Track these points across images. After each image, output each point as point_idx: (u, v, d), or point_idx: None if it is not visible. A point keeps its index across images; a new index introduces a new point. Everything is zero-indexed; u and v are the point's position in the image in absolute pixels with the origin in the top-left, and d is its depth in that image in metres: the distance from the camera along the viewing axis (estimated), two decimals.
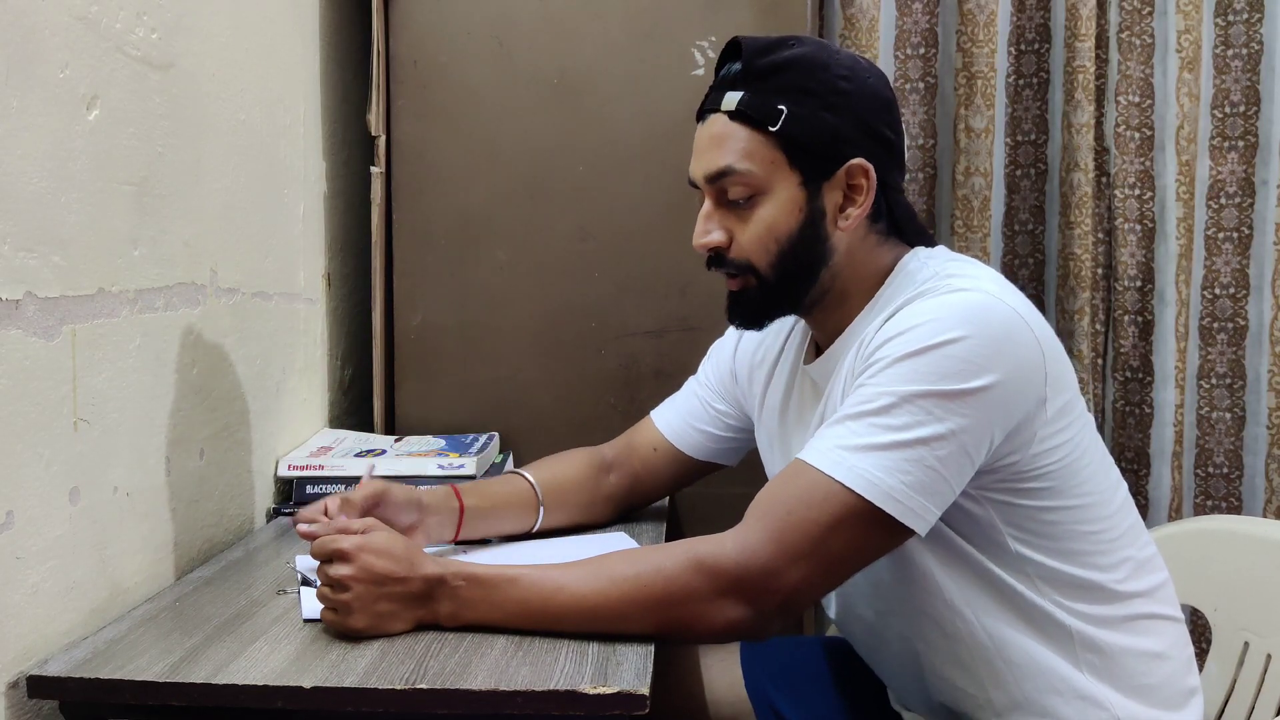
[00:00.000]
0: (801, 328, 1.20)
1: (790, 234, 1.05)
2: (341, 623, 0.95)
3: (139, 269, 1.13)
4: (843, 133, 1.04)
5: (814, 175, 1.05)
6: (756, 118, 1.04)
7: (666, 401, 1.37)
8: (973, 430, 0.94)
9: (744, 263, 1.07)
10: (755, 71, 1.05)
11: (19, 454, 0.93)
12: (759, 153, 1.04)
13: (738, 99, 1.05)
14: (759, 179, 1.05)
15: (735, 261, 1.08)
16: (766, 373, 1.23)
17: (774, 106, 1.03)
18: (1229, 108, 1.99)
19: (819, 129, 1.04)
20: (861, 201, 1.06)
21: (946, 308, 0.97)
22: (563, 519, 1.32)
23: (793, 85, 1.04)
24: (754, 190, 1.05)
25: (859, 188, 1.06)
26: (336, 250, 1.74)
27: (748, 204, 1.06)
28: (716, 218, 1.08)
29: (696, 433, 1.32)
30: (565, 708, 0.85)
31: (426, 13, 1.67)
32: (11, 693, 0.92)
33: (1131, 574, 1.05)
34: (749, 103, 1.04)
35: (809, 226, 1.06)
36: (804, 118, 1.03)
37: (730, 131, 1.05)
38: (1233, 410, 2.02)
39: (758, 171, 1.04)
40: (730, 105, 1.05)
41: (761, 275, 1.07)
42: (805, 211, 1.05)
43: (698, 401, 1.33)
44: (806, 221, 1.05)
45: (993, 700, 1.04)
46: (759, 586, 0.95)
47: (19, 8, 0.93)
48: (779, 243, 1.06)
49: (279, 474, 1.49)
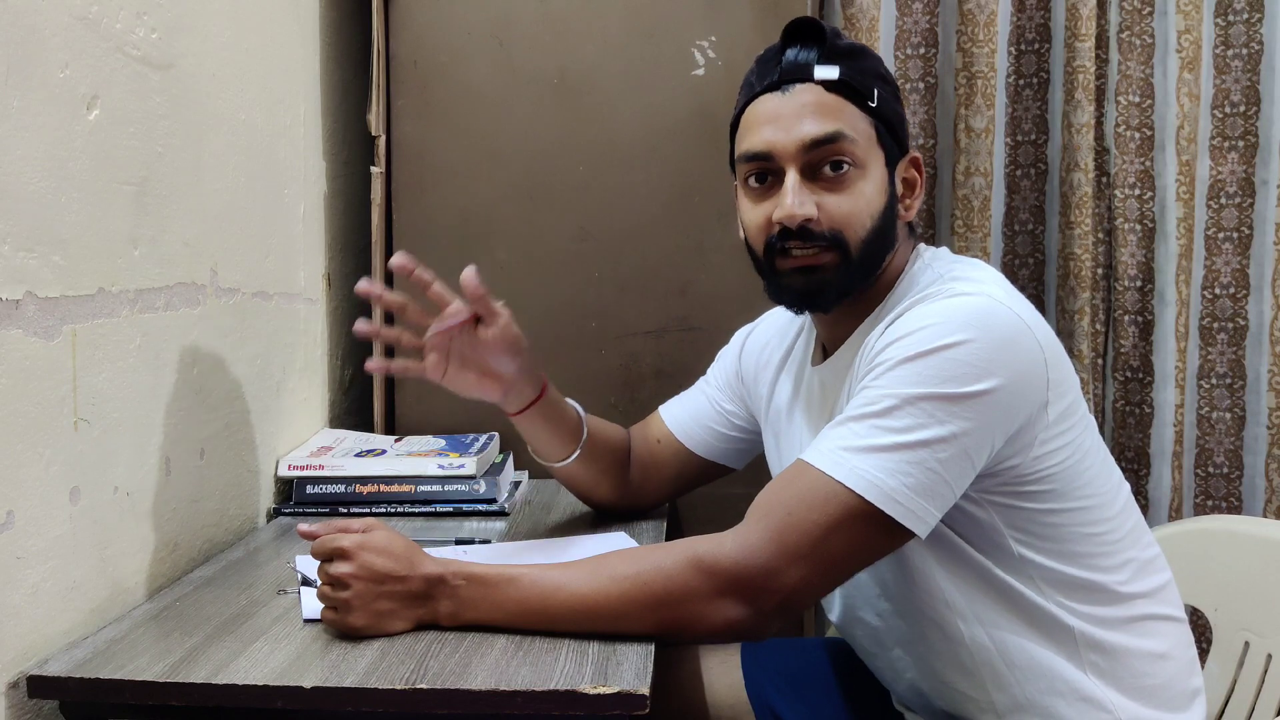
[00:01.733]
0: (808, 330, 1.20)
1: (881, 212, 1.05)
2: (341, 621, 0.95)
3: (139, 269, 1.13)
4: (906, 124, 1.09)
5: (892, 158, 1.07)
6: (859, 91, 1.04)
7: (675, 398, 1.38)
8: (974, 433, 0.94)
9: (836, 236, 1.03)
10: (841, 50, 1.05)
11: (19, 454, 0.93)
12: (860, 126, 1.04)
13: (837, 71, 1.04)
14: (861, 152, 1.04)
15: (825, 235, 1.03)
16: (773, 374, 1.23)
17: (870, 84, 1.05)
18: (1229, 108, 1.99)
19: (897, 114, 1.07)
20: (919, 193, 1.10)
21: (950, 311, 0.97)
22: (585, 471, 1.32)
23: (874, 70, 1.07)
24: (855, 162, 1.04)
25: (913, 180, 1.10)
26: (336, 250, 1.74)
27: (841, 176, 1.03)
28: (806, 190, 1.03)
29: (702, 429, 1.32)
30: (565, 708, 0.85)
31: (426, 13, 1.67)
32: (12, 693, 0.92)
33: (1134, 575, 1.05)
34: (849, 75, 1.04)
35: (891, 208, 1.07)
36: (888, 100, 1.06)
37: (830, 101, 1.04)
38: (1233, 410, 2.02)
39: (861, 143, 1.04)
40: (829, 75, 1.03)
41: (849, 251, 1.04)
42: (889, 192, 1.07)
43: (705, 399, 1.33)
44: (890, 202, 1.07)
45: (995, 703, 1.04)
46: (758, 586, 0.95)
47: (19, 8, 0.93)
48: (872, 219, 1.04)
49: (279, 474, 1.49)
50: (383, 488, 1.46)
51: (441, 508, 1.45)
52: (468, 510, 1.45)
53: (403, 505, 1.46)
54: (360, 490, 1.46)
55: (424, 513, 1.45)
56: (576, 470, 1.32)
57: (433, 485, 1.46)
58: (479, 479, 1.46)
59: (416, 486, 1.46)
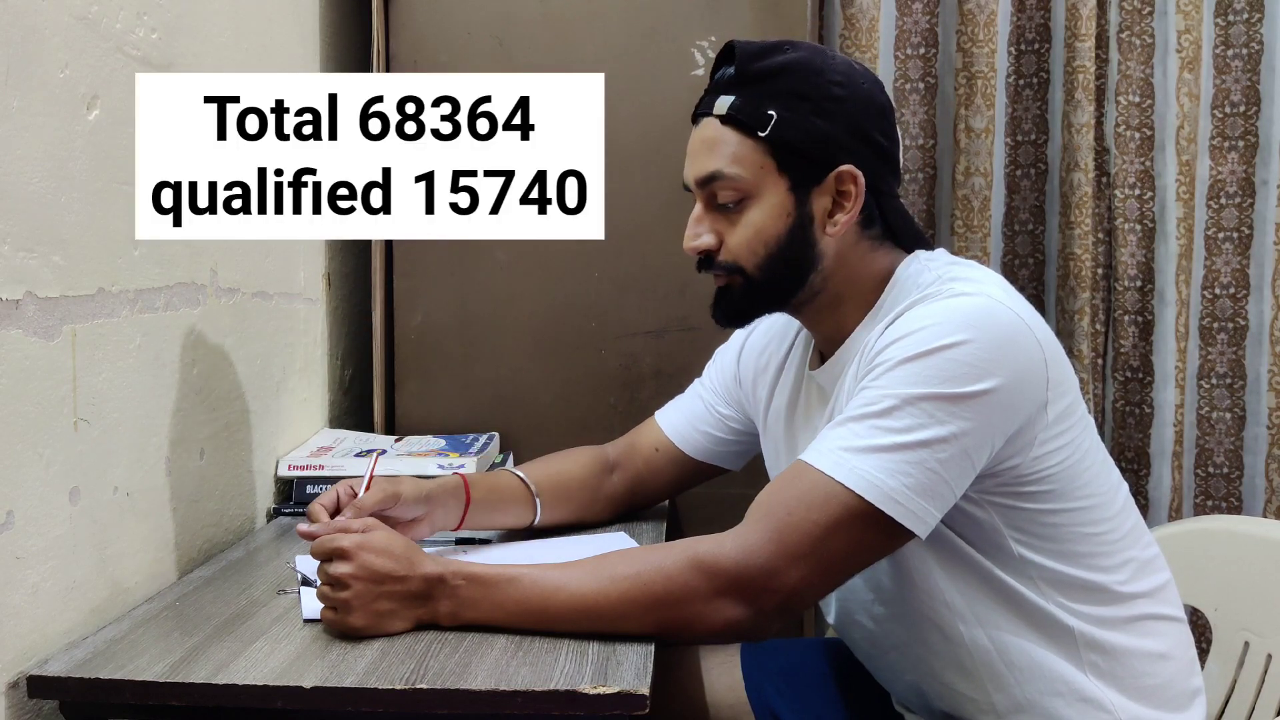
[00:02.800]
0: (806, 334, 1.20)
1: (778, 238, 1.06)
2: (341, 621, 0.95)
3: (139, 269, 1.13)
4: (834, 139, 1.05)
5: (803, 181, 1.06)
6: (747, 123, 1.05)
7: (671, 403, 1.37)
8: (974, 433, 0.94)
9: (732, 264, 1.08)
10: (748, 76, 1.06)
11: (19, 454, 0.93)
12: (748, 158, 1.05)
13: (729, 103, 1.06)
14: (747, 183, 1.05)
15: (724, 264, 1.09)
16: (772, 378, 1.23)
17: (764, 112, 1.04)
18: (1229, 108, 1.99)
19: (809, 134, 1.04)
20: (850, 208, 1.06)
21: (949, 312, 0.97)
22: (563, 515, 1.32)
23: (785, 90, 1.05)
24: (742, 194, 1.06)
25: (848, 194, 1.06)
26: (336, 250, 1.74)
27: (736, 208, 1.07)
28: (706, 221, 1.09)
29: (699, 434, 1.32)
30: (565, 708, 0.85)
31: (426, 13, 1.67)
32: (12, 693, 0.92)
33: (1134, 575, 1.05)
34: (739, 107, 1.05)
35: (797, 231, 1.06)
36: (794, 123, 1.04)
37: (720, 136, 1.06)
38: (1233, 410, 2.02)
39: (746, 176, 1.05)
40: (721, 110, 1.06)
41: (748, 276, 1.08)
42: (793, 216, 1.06)
43: (701, 404, 1.33)
44: (795, 226, 1.06)
45: (995, 703, 1.04)
46: (758, 586, 0.95)
47: (19, 8, 0.93)
48: (766, 246, 1.06)
49: (279, 474, 1.49)
50: None
51: None
52: None
53: None
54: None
55: None
56: (552, 520, 1.31)
57: None
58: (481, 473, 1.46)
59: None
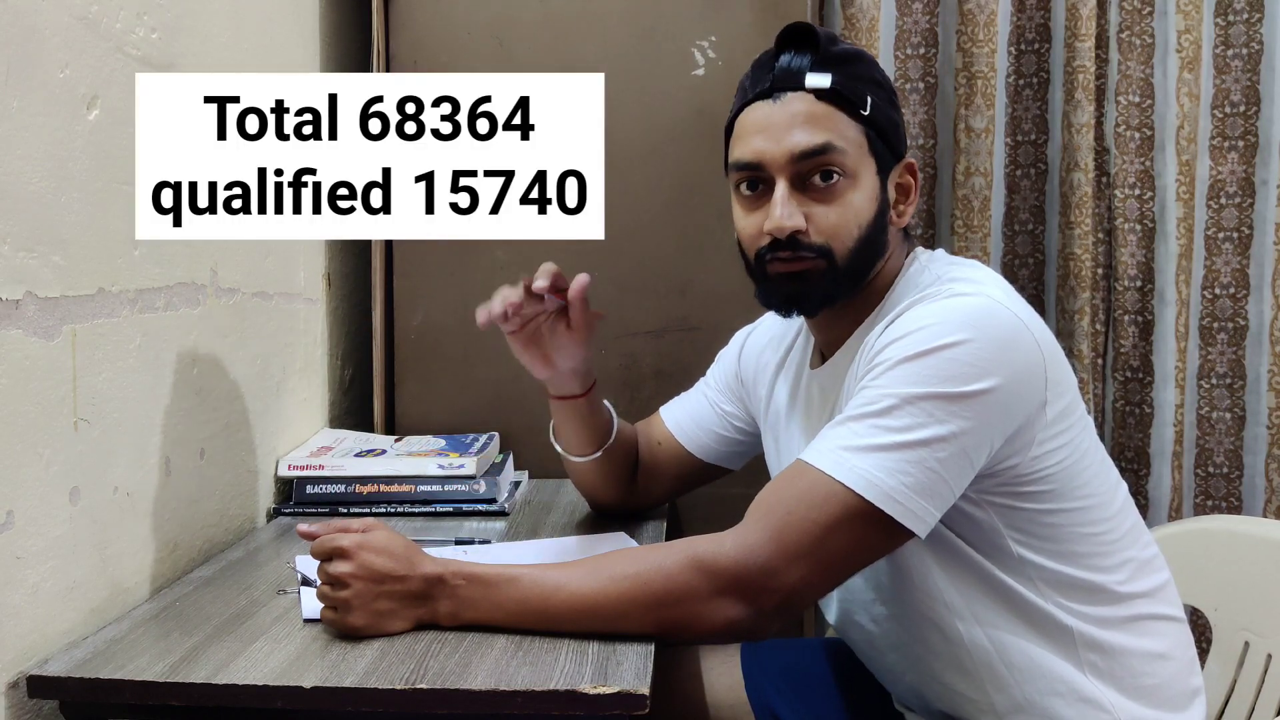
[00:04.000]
0: (806, 333, 1.20)
1: (870, 221, 1.05)
2: (340, 621, 0.95)
3: (139, 269, 1.13)
4: (901, 129, 1.08)
5: (885, 166, 1.07)
6: (851, 99, 1.04)
7: (676, 399, 1.38)
8: (973, 433, 0.94)
9: (823, 247, 1.04)
10: (834, 57, 1.05)
11: (19, 454, 0.94)
12: (851, 135, 1.04)
13: (829, 79, 1.04)
14: (851, 162, 1.04)
15: (813, 245, 1.04)
16: (772, 376, 1.24)
17: (862, 92, 1.04)
18: (1229, 108, 1.99)
19: (892, 121, 1.07)
20: (912, 198, 1.09)
21: (948, 312, 0.98)
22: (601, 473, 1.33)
23: (868, 76, 1.06)
24: (845, 172, 1.04)
25: (907, 185, 1.09)
26: (336, 250, 1.74)
27: (830, 186, 1.03)
28: (796, 200, 1.04)
29: (702, 431, 1.33)
30: (565, 708, 0.85)
31: (426, 13, 1.67)
32: (11, 693, 0.92)
33: (1133, 575, 1.05)
34: (842, 84, 1.04)
35: (881, 216, 1.07)
36: (882, 108, 1.06)
37: (821, 111, 1.03)
38: (1233, 410, 2.02)
39: (851, 153, 1.04)
40: (821, 84, 1.03)
41: (836, 261, 1.04)
42: (879, 200, 1.06)
43: (705, 401, 1.33)
44: (880, 211, 1.07)
45: (994, 703, 1.04)
46: (757, 585, 0.95)
47: (19, 8, 0.93)
48: (860, 229, 1.05)
49: (279, 474, 1.49)
50: (383, 488, 1.46)
51: (441, 508, 1.46)
52: (468, 510, 1.45)
53: (403, 505, 1.46)
54: (360, 490, 1.46)
55: (424, 513, 1.45)
56: (592, 469, 1.33)
57: (433, 485, 1.46)
58: (479, 479, 1.46)
59: (416, 486, 1.46)
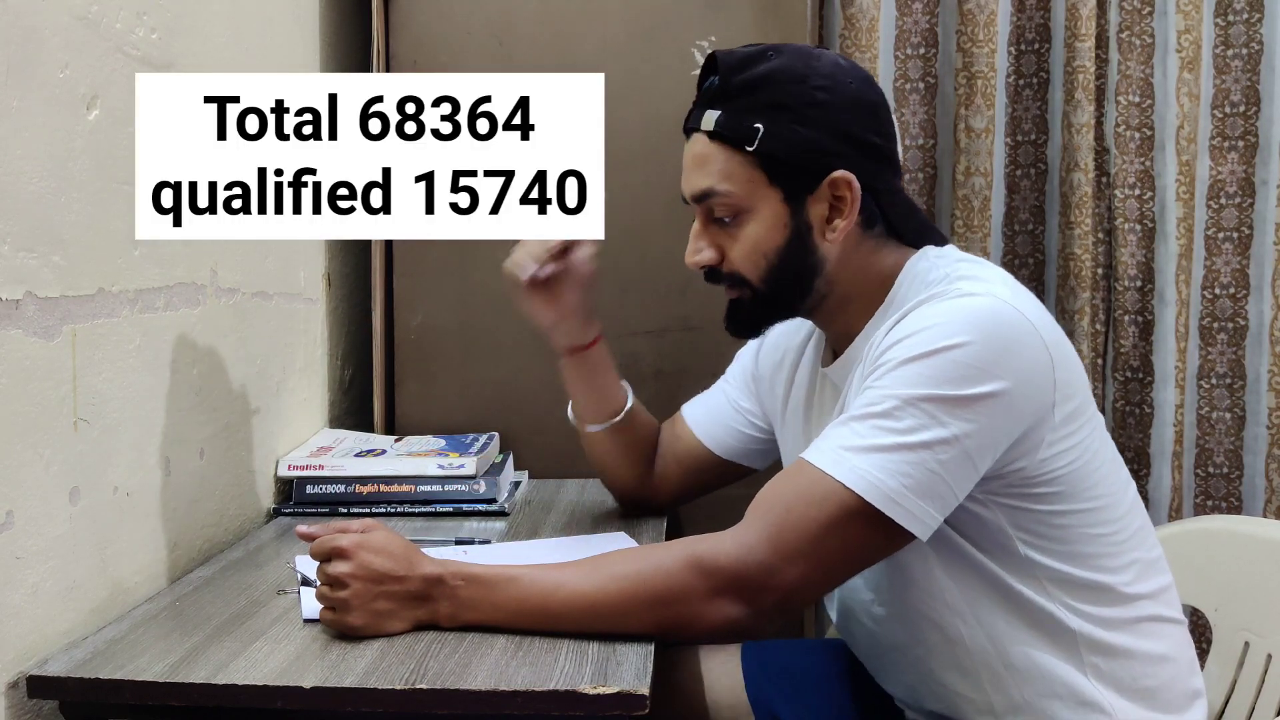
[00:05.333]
0: (819, 331, 1.20)
1: (777, 249, 1.07)
2: (340, 621, 0.95)
3: (139, 269, 1.13)
4: (821, 145, 1.04)
5: (796, 191, 1.06)
6: (733, 138, 1.05)
7: (697, 396, 1.39)
8: (977, 435, 0.94)
9: (737, 276, 1.10)
10: (731, 89, 1.06)
11: (19, 454, 0.94)
12: (738, 173, 1.06)
13: (715, 119, 1.06)
14: (740, 199, 1.06)
15: (729, 275, 1.10)
16: (787, 375, 1.24)
17: (750, 126, 1.04)
18: (1229, 108, 1.99)
19: (795, 145, 1.04)
20: (847, 212, 1.06)
21: (953, 312, 0.97)
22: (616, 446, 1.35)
23: (768, 102, 1.04)
24: (737, 210, 1.07)
25: (844, 199, 1.06)
26: (336, 250, 1.74)
27: (734, 222, 1.08)
28: (706, 235, 1.10)
29: (720, 428, 1.34)
30: (565, 708, 0.85)
31: (426, 13, 1.67)
32: (11, 693, 0.92)
33: (1139, 576, 1.05)
34: (725, 123, 1.05)
35: (795, 241, 1.07)
36: (780, 135, 1.04)
37: (710, 152, 1.07)
38: (1233, 410, 2.02)
39: (738, 191, 1.06)
40: (709, 125, 1.07)
41: (754, 288, 1.09)
42: (790, 227, 1.07)
43: (724, 399, 1.34)
44: (792, 236, 1.07)
45: (993, 704, 1.04)
46: (756, 585, 0.95)
47: (19, 8, 0.93)
48: (767, 258, 1.08)
49: (279, 474, 1.49)
50: (383, 488, 1.46)
51: (441, 508, 1.45)
52: (468, 510, 1.45)
53: (403, 505, 1.46)
54: (360, 490, 1.46)
55: (424, 513, 1.45)
56: (605, 440, 1.34)
57: (433, 485, 1.46)
58: (479, 479, 1.46)
59: (416, 486, 1.46)
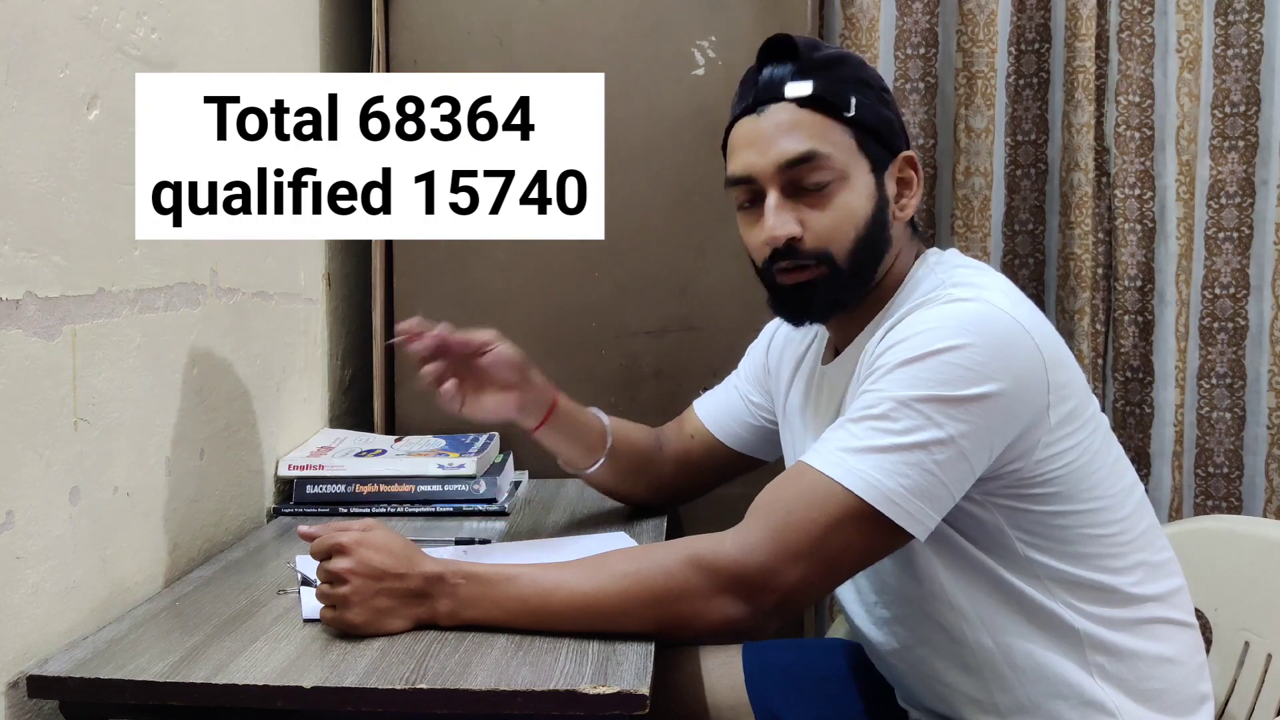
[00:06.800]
0: (822, 329, 1.21)
1: (867, 220, 1.06)
2: (340, 619, 0.95)
3: (139, 269, 1.13)
4: (896, 124, 1.09)
5: (880, 163, 1.08)
6: (833, 103, 1.05)
7: (709, 392, 1.40)
8: (972, 437, 0.95)
9: (821, 252, 1.05)
10: (815, 63, 1.06)
11: (19, 454, 0.94)
12: (837, 138, 1.05)
13: (810, 86, 1.05)
14: (840, 164, 1.05)
15: (811, 252, 1.05)
16: (791, 371, 1.25)
17: (846, 94, 1.05)
18: (1229, 108, 1.99)
19: (881, 118, 1.07)
20: (914, 191, 1.10)
21: (947, 317, 0.98)
22: (616, 475, 1.35)
23: (852, 77, 1.07)
24: (835, 175, 1.05)
25: (908, 180, 1.10)
26: (336, 250, 1.74)
27: (822, 191, 1.05)
28: (788, 208, 1.05)
29: (733, 421, 1.34)
30: (565, 708, 0.85)
31: (426, 13, 1.67)
32: (11, 693, 0.92)
33: (1145, 578, 1.04)
34: (823, 89, 1.05)
35: (879, 213, 1.07)
36: (869, 106, 1.06)
37: (804, 118, 1.05)
38: (1233, 410, 2.02)
39: (839, 155, 1.05)
40: (801, 92, 1.05)
41: (837, 264, 1.06)
42: (876, 198, 1.07)
43: (736, 393, 1.35)
44: (878, 208, 1.07)
45: (997, 704, 1.04)
46: (756, 585, 0.95)
47: (19, 8, 0.93)
48: (857, 229, 1.06)
49: (279, 474, 1.49)
50: (383, 488, 1.46)
51: (441, 508, 1.46)
52: (468, 510, 1.45)
53: (403, 505, 1.46)
54: (360, 490, 1.46)
55: (424, 513, 1.45)
56: (605, 476, 1.35)
57: (433, 485, 1.46)
58: (479, 479, 1.46)
59: (416, 486, 1.46)
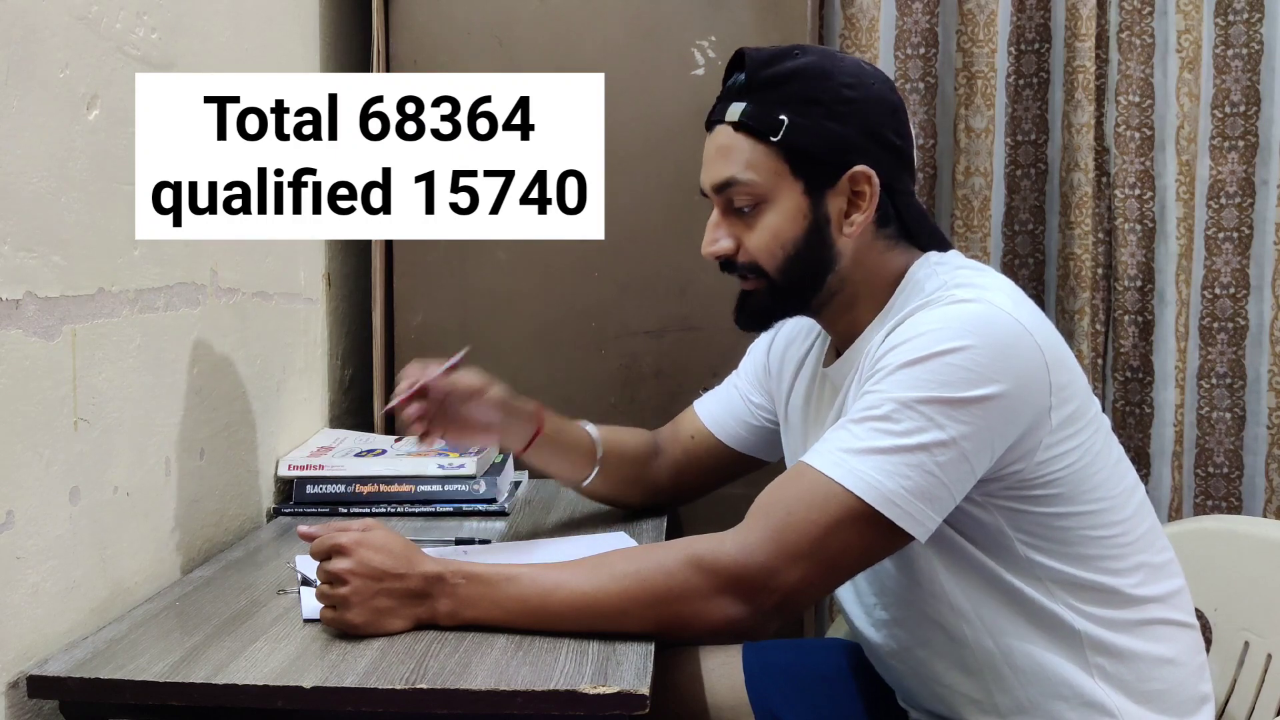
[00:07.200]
0: (823, 331, 1.21)
1: (795, 240, 1.08)
2: (340, 619, 0.95)
3: (139, 269, 1.13)
4: (846, 140, 1.06)
5: (818, 183, 1.07)
6: (759, 129, 1.06)
7: (709, 392, 1.40)
8: (974, 438, 0.95)
9: (753, 265, 1.10)
10: (758, 83, 1.07)
11: (19, 454, 0.93)
12: (761, 163, 1.07)
13: (740, 110, 1.07)
14: (762, 188, 1.07)
15: (744, 265, 1.10)
16: (792, 372, 1.25)
17: (775, 117, 1.05)
18: (1229, 108, 1.99)
19: (821, 138, 1.06)
20: (865, 208, 1.07)
21: (949, 318, 0.98)
22: (611, 485, 1.36)
23: (795, 95, 1.06)
24: (758, 199, 1.07)
25: (863, 194, 1.07)
26: (336, 250, 1.74)
27: (753, 212, 1.08)
28: (724, 226, 1.11)
29: (733, 421, 1.34)
30: (565, 708, 0.85)
31: (426, 13, 1.67)
32: (11, 693, 0.92)
33: (1146, 579, 1.04)
34: (751, 114, 1.07)
35: (814, 233, 1.08)
36: (806, 127, 1.05)
37: (734, 143, 1.08)
38: (1233, 410, 2.02)
39: (760, 181, 1.07)
40: (734, 116, 1.08)
41: (772, 279, 1.09)
42: (810, 218, 1.07)
43: (736, 393, 1.35)
44: (811, 228, 1.07)
45: (997, 704, 1.04)
46: (757, 585, 0.95)
47: (19, 8, 0.93)
48: (784, 248, 1.08)
49: (279, 474, 1.49)
50: (383, 488, 1.46)
51: (441, 508, 1.46)
52: (468, 510, 1.45)
53: (403, 505, 1.46)
54: (360, 490, 1.46)
55: (424, 513, 1.45)
56: (599, 488, 1.36)
57: (433, 485, 1.46)
58: (479, 479, 1.46)
59: (416, 486, 1.46)
